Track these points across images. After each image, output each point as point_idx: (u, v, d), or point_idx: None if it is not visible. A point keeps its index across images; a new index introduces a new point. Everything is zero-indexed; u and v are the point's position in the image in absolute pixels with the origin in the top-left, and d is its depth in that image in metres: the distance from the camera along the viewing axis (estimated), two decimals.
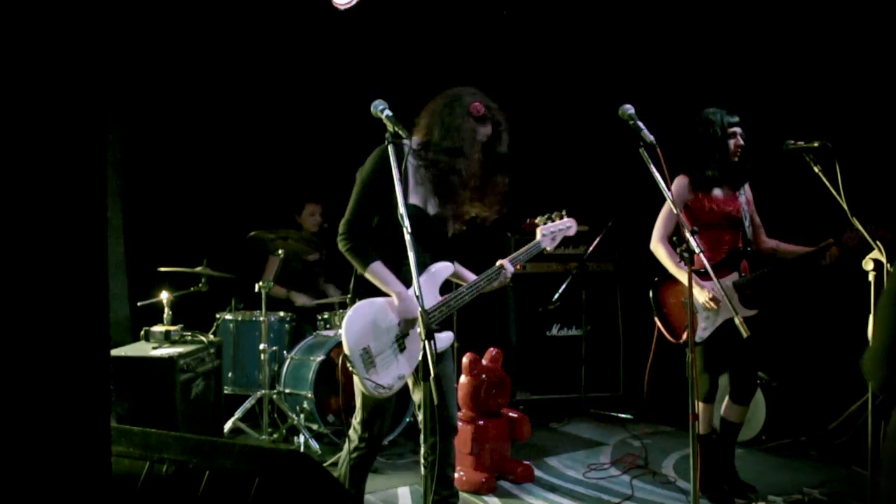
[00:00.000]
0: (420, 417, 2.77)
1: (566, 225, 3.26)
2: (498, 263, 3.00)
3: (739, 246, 3.74)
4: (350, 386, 2.94)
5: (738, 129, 3.68)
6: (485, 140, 2.87)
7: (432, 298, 2.82)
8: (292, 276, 5.41)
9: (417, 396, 2.89)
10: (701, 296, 3.60)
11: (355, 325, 2.70)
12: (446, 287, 2.95)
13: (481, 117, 2.84)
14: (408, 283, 2.74)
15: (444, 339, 2.86)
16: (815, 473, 4.17)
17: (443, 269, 2.91)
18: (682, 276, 3.61)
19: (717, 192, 3.73)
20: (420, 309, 2.26)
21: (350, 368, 2.68)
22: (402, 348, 2.75)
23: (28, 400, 1.19)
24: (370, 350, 2.69)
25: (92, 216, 1.27)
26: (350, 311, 2.74)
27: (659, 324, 3.85)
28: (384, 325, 2.73)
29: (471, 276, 3.05)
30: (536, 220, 3.23)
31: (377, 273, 2.75)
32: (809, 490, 3.83)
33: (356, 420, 2.93)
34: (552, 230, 3.21)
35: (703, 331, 3.67)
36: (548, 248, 3.23)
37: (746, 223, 3.77)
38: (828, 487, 3.89)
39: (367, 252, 2.76)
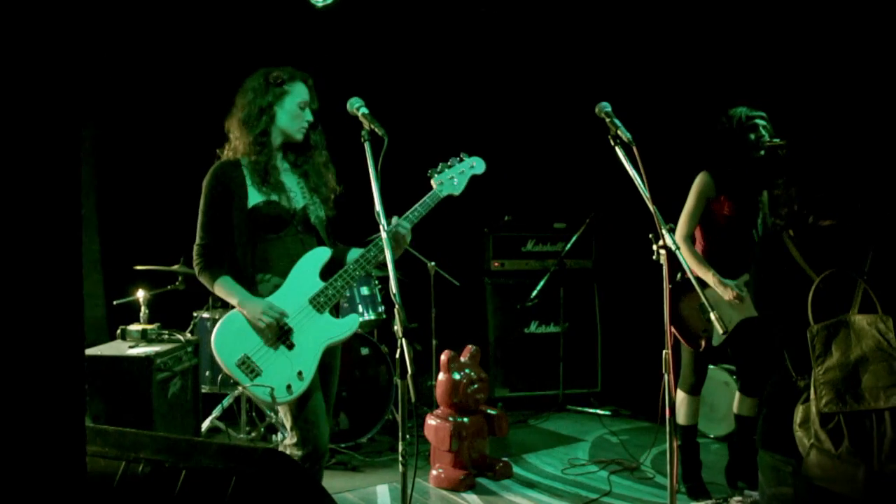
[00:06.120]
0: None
1: (468, 165, 2.94)
2: (393, 220, 2.73)
3: (749, 246, 3.65)
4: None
5: (759, 122, 3.55)
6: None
7: (312, 286, 2.70)
8: None
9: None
10: (726, 294, 3.51)
11: (225, 338, 2.61)
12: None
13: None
14: (270, 291, 2.67)
15: (345, 324, 2.74)
16: None
17: (313, 256, 2.75)
18: (704, 275, 3.54)
19: (738, 192, 3.65)
20: (397, 306, 2.23)
21: (240, 388, 2.57)
22: (290, 346, 2.64)
23: (0, 400, 1.18)
24: (249, 358, 2.59)
25: (66, 212, 1.25)
26: (216, 328, 2.64)
27: (676, 333, 3.66)
28: (256, 328, 2.63)
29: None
30: (429, 174, 2.90)
31: (224, 287, 2.68)
32: None
33: (288, 440, 2.72)
34: (450, 175, 2.90)
35: (723, 335, 3.54)
36: (454, 194, 2.90)
37: (759, 224, 3.72)
38: None
39: (215, 270, 2.70)
